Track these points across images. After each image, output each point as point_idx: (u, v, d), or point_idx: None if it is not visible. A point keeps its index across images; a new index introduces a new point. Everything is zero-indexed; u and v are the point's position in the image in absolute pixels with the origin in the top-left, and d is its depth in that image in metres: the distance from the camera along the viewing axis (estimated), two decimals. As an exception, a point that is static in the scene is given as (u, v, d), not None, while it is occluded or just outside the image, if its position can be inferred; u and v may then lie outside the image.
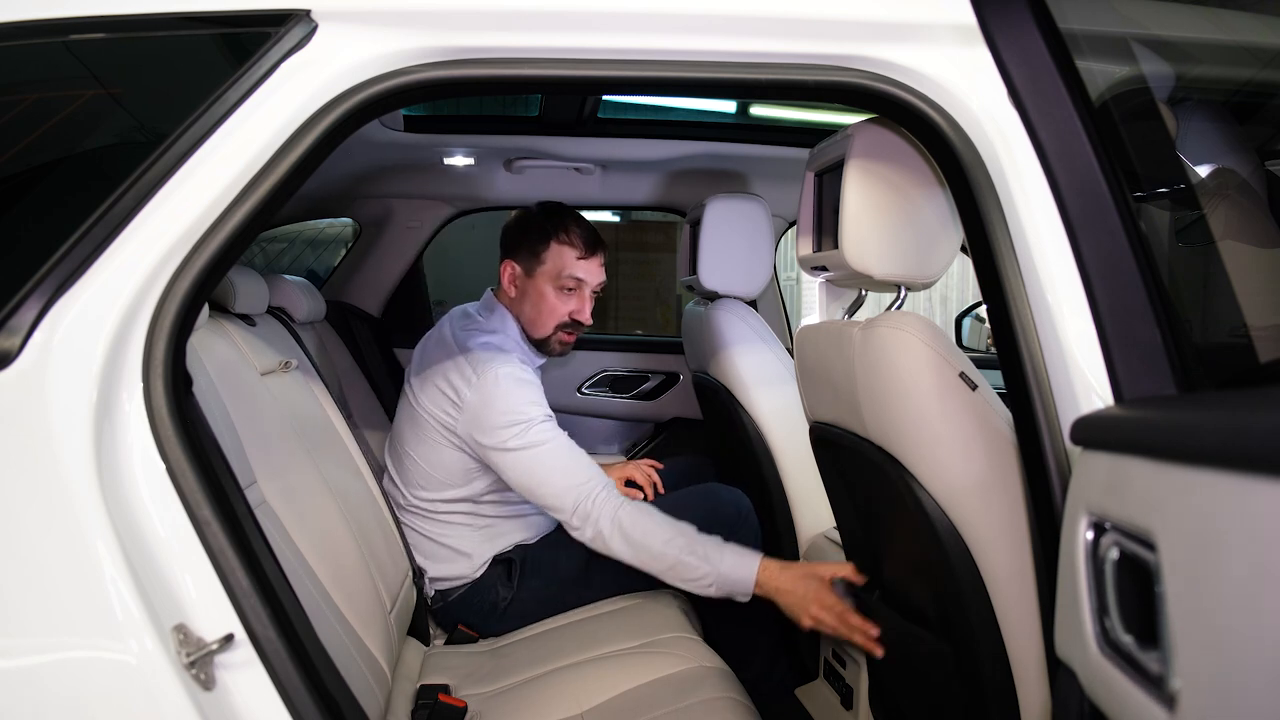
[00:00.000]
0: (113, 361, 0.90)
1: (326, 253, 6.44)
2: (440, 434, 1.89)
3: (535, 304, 1.97)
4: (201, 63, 1.03)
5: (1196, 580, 0.58)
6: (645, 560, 1.72)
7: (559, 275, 1.95)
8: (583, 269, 1.96)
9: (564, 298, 1.96)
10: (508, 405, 1.80)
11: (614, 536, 1.72)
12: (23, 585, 0.85)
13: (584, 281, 1.97)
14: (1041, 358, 0.92)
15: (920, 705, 1.38)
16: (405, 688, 1.61)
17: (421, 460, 1.94)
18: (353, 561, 1.51)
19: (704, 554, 1.68)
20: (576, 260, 1.95)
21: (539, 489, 1.79)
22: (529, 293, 1.97)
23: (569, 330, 2.00)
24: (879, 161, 1.18)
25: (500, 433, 1.79)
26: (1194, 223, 1.09)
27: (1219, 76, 1.26)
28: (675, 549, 1.69)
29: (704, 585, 1.69)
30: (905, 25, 0.99)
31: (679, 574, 1.70)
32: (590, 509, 1.74)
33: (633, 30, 1.00)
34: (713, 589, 1.68)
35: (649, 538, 1.71)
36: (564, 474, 1.78)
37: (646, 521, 1.72)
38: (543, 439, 1.79)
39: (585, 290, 1.98)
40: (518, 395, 1.81)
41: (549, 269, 1.95)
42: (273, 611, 0.91)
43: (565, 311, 1.97)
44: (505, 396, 1.81)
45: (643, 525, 1.72)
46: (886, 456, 1.18)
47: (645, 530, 1.71)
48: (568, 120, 2.54)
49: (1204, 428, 0.61)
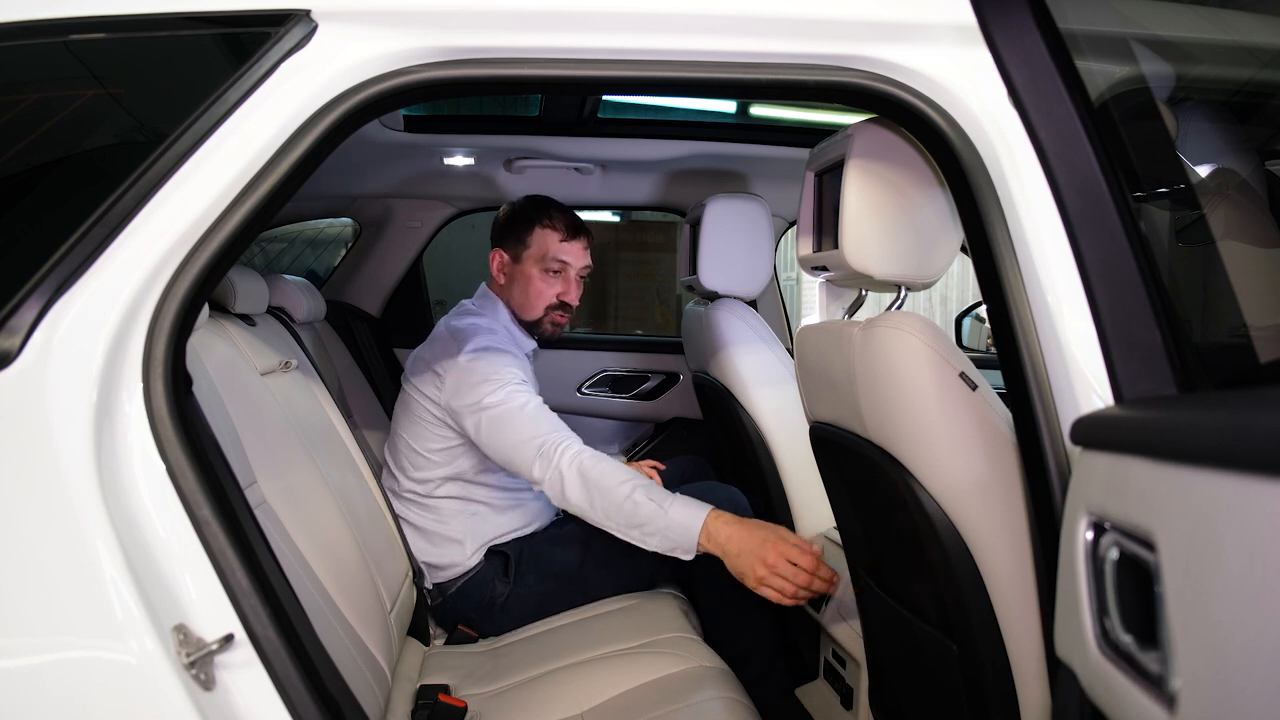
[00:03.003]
0: (113, 361, 0.90)
1: (326, 253, 6.44)
2: (426, 411, 1.95)
3: (523, 288, 2.05)
4: (201, 63, 1.03)
5: (1196, 580, 0.58)
6: (596, 499, 1.68)
7: (544, 258, 2.04)
8: (566, 251, 2.05)
9: (550, 280, 2.05)
10: (485, 368, 1.86)
11: (571, 477, 1.70)
12: (23, 585, 0.85)
13: (569, 264, 2.06)
14: (1041, 358, 0.92)
15: (920, 705, 1.38)
16: (405, 688, 1.61)
17: (414, 441, 2.00)
18: (353, 561, 1.51)
19: (658, 498, 1.65)
20: (560, 243, 2.04)
21: (507, 445, 1.80)
22: (517, 278, 2.06)
23: (560, 311, 2.07)
24: (879, 161, 1.18)
25: (476, 390, 1.84)
26: (1194, 223, 1.09)
27: (1219, 76, 1.26)
28: (628, 488, 1.66)
29: (649, 531, 1.64)
30: (905, 25, 0.99)
31: (627, 515, 1.65)
32: (552, 453, 1.74)
33: (633, 30, 1.00)
34: (656, 537, 1.64)
35: (606, 478, 1.69)
36: (533, 424, 1.80)
37: (606, 465, 1.72)
38: (516, 400, 1.82)
39: (570, 273, 2.07)
40: (496, 360, 1.88)
41: (534, 253, 2.04)
42: (273, 611, 0.91)
43: (553, 294, 2.05)
44: (483, 361, 1.87)
45: (601, 468, 1.71)
46: (886, 456, 1.18)
47: (603, 472, 1.70)
48: (568, 120, 2.54)
49: (1204, 428, 0.61)
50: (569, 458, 1.72)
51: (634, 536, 1.67)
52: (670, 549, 1.65)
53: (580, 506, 1.71)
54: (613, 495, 1.67)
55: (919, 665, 1.33)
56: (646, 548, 1.67)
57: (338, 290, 3.01)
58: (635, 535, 1.67)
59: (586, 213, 2.15)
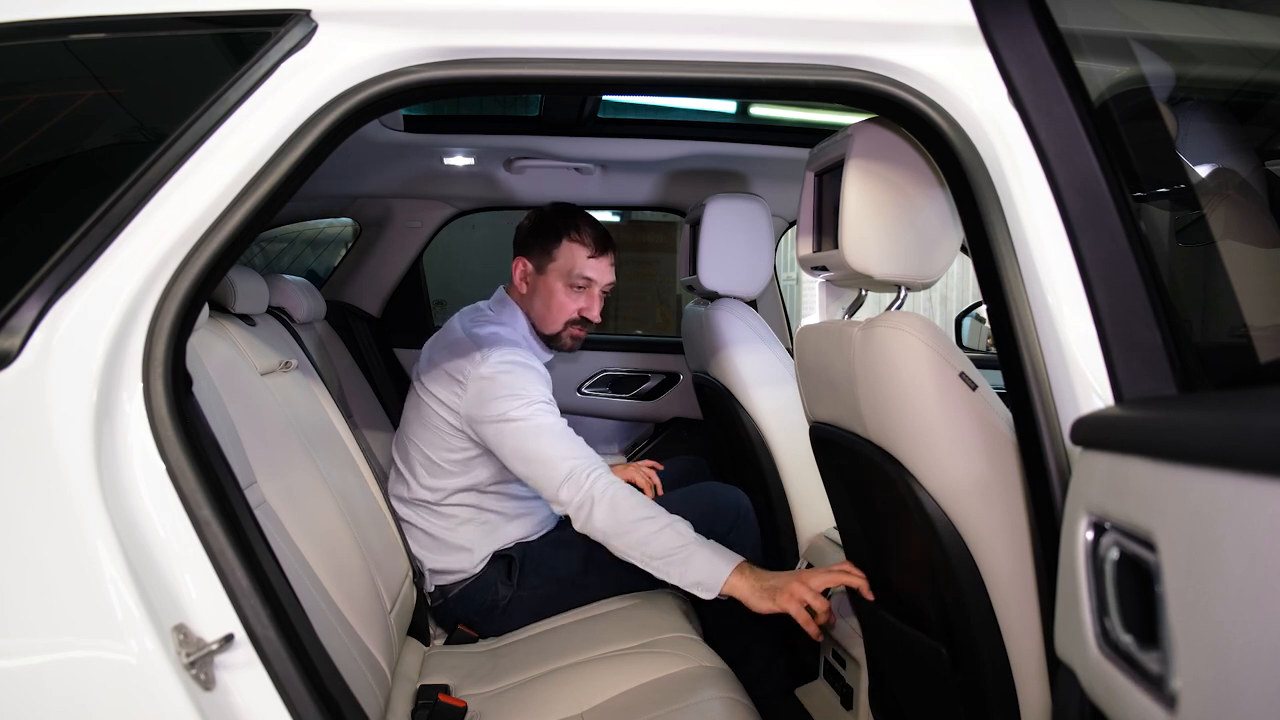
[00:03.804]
0: (113, 362, 0.90)
1: (326, 253, 6.44)
2: (444, 420, 1.91)
3: (545, 301, 2.01)
4: (201, 63, 1.03)
5: (1196, 580, 0.58)
6: (625, 528, 1.66)
7: (569, 273, 1.99)
8: (593, 268, 2.00)
9: (574, 295, 2.00)
10: (512, 383, 1.82)
11: (602, 504, 1.68)
12: (23, 585, 0.85)
13: (594, 280, 2.01)
14: (1041, 358, 0.92)
15: (920, 705, 1.38)
16: (405, 688, 1.61)
17: (427, 449, 1.96)
18: (353, 561, 1.51)
19: (688, 539, 1.65)
20: (587, 259, 1.99)
21: (534, 458, 1.77)
22: (540, 289, 2.01)
23: (579, 326, 2.03)
24: (879, 161, 1.18)
25: (501, 402, 1.81)
26: (1194, 223, 1.09)
27: (1219, 76, 1.26)
28: (658, 525, 1.65)
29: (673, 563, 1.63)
30: (905, 25, 0.99)
31: (653, 545, 1.65)
32: (583, 479, 1.71)
33: (633, 30, 1.00)
34: (679, 570, 1.63)
35: (636, 510, 1.67)
36: (564, 445, 1.77)
37: (637, 498, 1.71)
38: (544, 419, 1.80)
39: (595, 289, 2.02)
40: (523, 377, 1.84)
41: (560, 266, 1.99)
42: (273, 611, 0.91)
43: (575, 309, 2.01)
44: (510, 376, 1.83)
45: (633, 500, 1.69)
46: (886, 456, 1.18)
47: (633, 505, 1.68)
48: (568, 120, 2.54)
49: (1204, 428, 0.61)
50: (602, 487, 1.70)
51: (655, 567, 1.66)
52: (691, 586, 1.64)
53: (605, 533, 1.70)
54: (640, 527, 1.66)
55: (919, 665, 1.33)
56: (667, 579, 1.66)
57: (338, 290, 3.01)
58: (658, 565, 1.66)
59: (586, 213, 2.13)
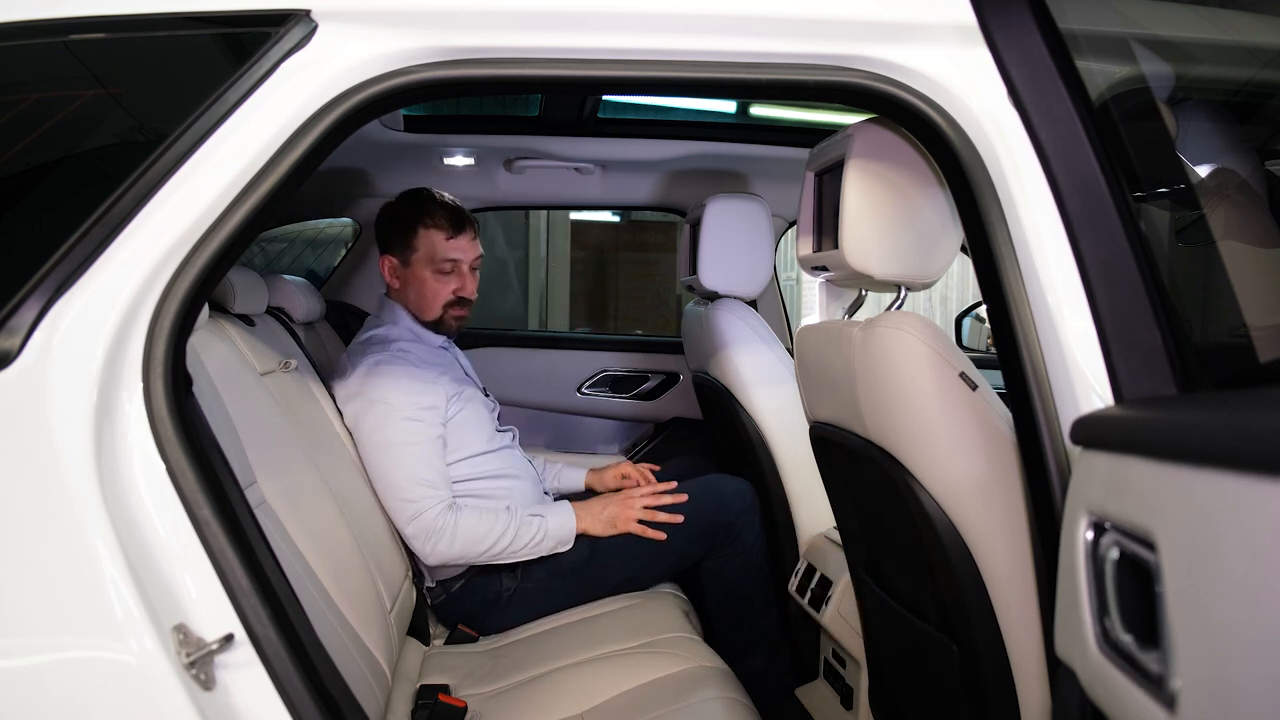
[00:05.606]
0: (113, 362, 0.90)
1: (326, 253, 6.43)
2: None
3: (419, 290, 2.02)
4: (201, 63, 1.03)
5: (1196, 580, 0.58)
6: (474, 549, 1.82)
7: (433, 259, 2.00)
8: (454, 248, 2.01)
9: (443, 280, 2.01)
10: (372, 391, 1.86)
11: (444, 537, 1.80)
12: (23, 585, 0.85)
13: (459, 260, 2.02)
14: (1041, 358, 0.92)
15: (920, 705, 1.38)
16: (405, 688, 1.61)
17: None
18: (353, 561, 1.51)
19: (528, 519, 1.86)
20: (446, 241, 2.00)
21: (384, 482, 1.83)
22: (411, 281, 2.02)
23: (458, 306, 2.04)
24: (879, 161, 1.18)
25: (363, 419, 1.85)
26: (1194, 223, 1.09)
27: (1219, 76, 1.26)
28: (503, 526, 1.83)
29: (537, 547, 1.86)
30: (905, 25, 0.99)
31: (513, 545, 1.84)
32: (429, 521, 1.80)
33: (633, 30, 1.00)
34: (548, 542, 1.87)
35: (477, 528, 1.82)
36: (414, 468, 1.83)
37: (476, 514, 1.84)
38: (402, 438, 1.83)
39: (463, 268, 2.03)
40: (387, 382, 1.87)
41: (422, 255, 2.00)
42: (273, 611, 0.91)
43: (449, 291, 2.02)
44: (372, 379, 1.87)
45: (471, 520, 1.82)
46: (886, 456, 1.18)
47: (472, 524, 1.82)
48: (568, 120, 2.54)
49: (1204, 428, 0.61)
50: (441, 523, 1.80)
51: (523, 556, 1.87)
52: (554, 548, 1.88)
53: (459, 557, 1.82)
54: (488, 542, 1.82)
55: (919, 665, 1.33)
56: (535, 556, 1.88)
57: (338, 290, 3.00)
58: (524, 555, 1.87)
59: (586, 213, 2.13)
